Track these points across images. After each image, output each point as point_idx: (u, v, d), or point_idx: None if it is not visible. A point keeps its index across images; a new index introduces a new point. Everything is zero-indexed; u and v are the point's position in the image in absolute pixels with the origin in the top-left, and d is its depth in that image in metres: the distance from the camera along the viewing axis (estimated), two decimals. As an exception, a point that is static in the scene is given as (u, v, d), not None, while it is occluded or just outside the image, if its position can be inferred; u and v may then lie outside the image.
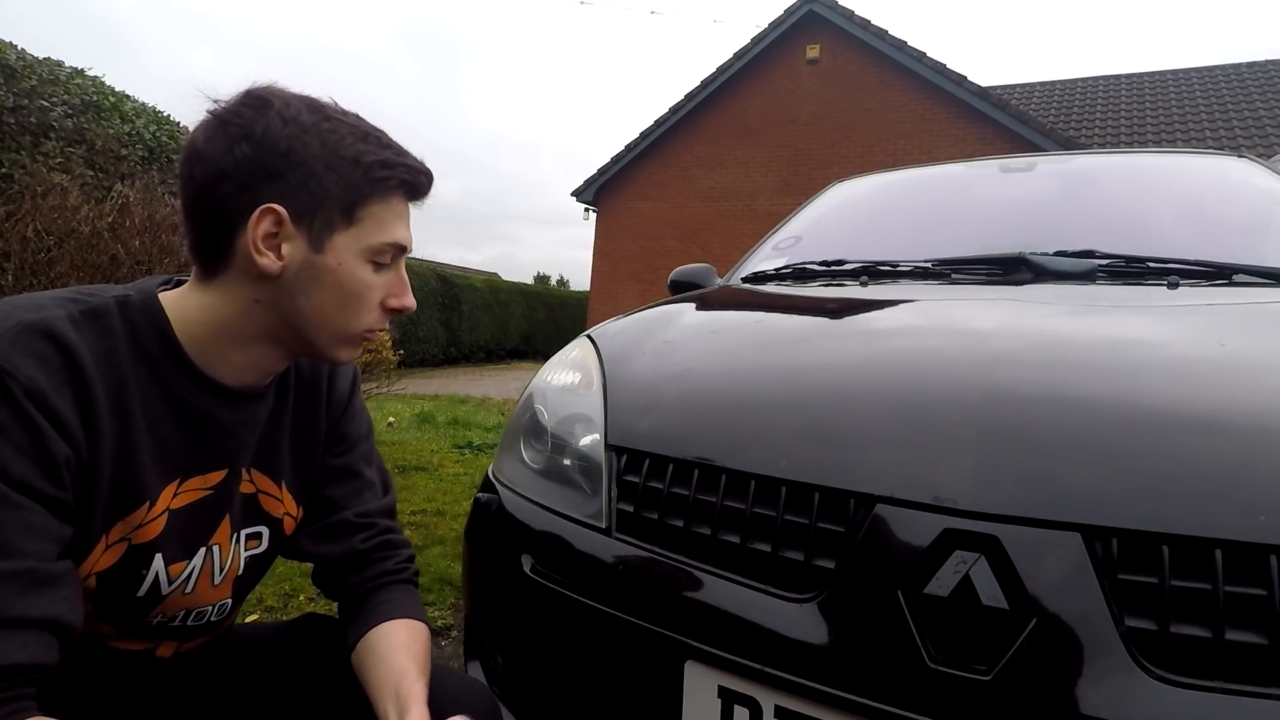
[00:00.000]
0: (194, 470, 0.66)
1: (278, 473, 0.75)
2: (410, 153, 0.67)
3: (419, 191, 0.68)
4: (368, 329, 0.67)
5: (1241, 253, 1.26)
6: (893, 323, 1.11)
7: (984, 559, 0.61)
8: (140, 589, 0.64)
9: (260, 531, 0.74)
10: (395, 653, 0.70)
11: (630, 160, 11.39)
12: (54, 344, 0.55)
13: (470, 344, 13.58)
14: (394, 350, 4.26)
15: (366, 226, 0.64)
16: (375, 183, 0.63)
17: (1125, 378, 0.76)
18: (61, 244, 2.33)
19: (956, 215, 1.79)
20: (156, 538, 0.64)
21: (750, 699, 0.69)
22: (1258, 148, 8.54)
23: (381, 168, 0.63)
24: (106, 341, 0.59)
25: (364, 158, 0.63)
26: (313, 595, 1.98)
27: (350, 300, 0.65)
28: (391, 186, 0.65)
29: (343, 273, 0.63)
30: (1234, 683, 0.54)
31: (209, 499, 0.68)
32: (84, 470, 0.57)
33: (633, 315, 1.34)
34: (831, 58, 9.80)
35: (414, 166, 0.66)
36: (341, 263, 0.63)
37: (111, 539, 0.61)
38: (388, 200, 0.65)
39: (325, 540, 0.78)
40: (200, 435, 0.66)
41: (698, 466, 0.81)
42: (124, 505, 0.61)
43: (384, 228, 0.64)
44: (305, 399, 0.77)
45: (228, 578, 0.72)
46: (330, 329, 0.66)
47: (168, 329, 0.63)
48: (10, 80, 3.30)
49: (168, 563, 0.65)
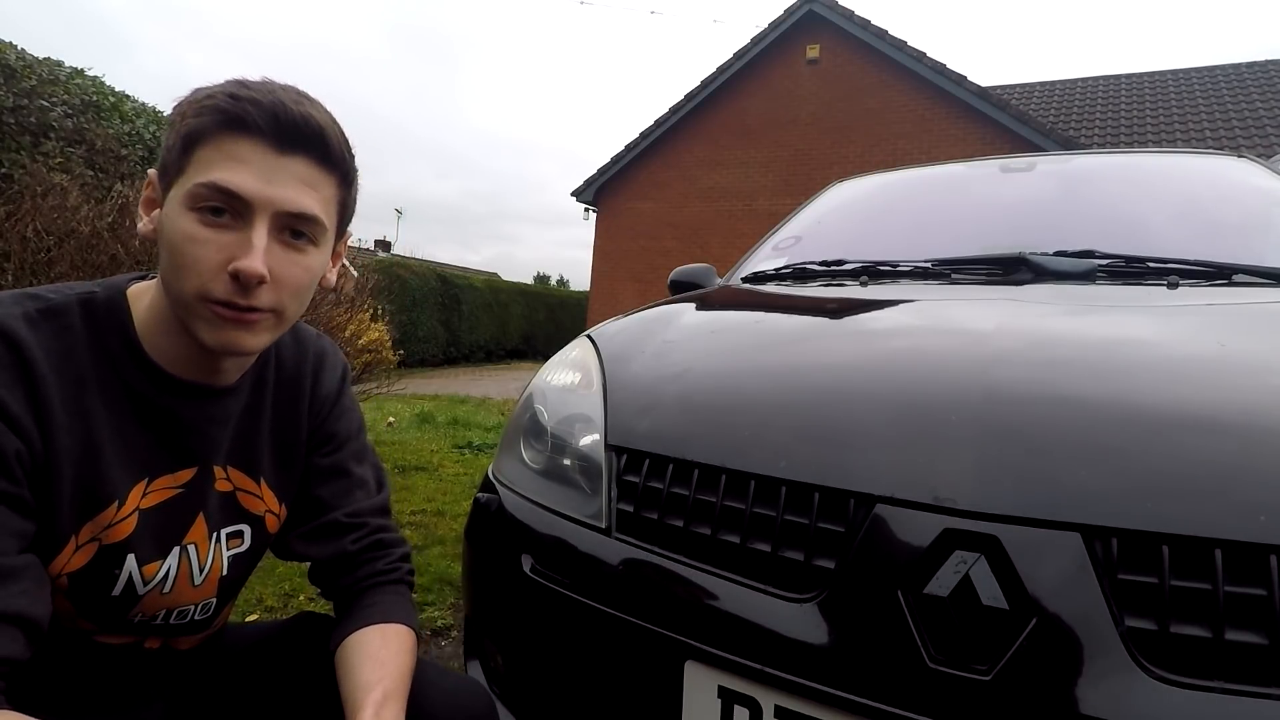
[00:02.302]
0: (162, 469, 0.66)
1: (256, 470, 0.74)
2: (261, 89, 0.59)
3: (242, 123, 0.57)
4: (206, 295, 0.58)
5: (1241, 253, 1.26)
6: (893, 323, 1.11)
7: (984, 559, 0.61)
8: (114, 588, 0.64)
9: (241, 530, 0.74)
10: (364, 665, 0.68)
11: (630, 160, 11.39)
12: (4, 342, 0.55)
13: (470, 344, 13.59)
14: (394, 350, 4.26)
15: (190, 172, 0.57)
16: (195, 119, 0.57)
17: (1125, 378, 0.76)
18: (61, 244, 2.33)
19: (956, 215, 1.79)
20: (128, 537, 0.63)
21: (750, 699, 0.69)
22: (1258, 148, 8.54)
23: (204, 101, 0.57)
24: (63, 340, 0.59)
25: (195, 99, 0.58)
26: (312, 595, 1.98)
27: (176, 258, 0.58)
28: (213, 123, 0.57)
29: (169, 225, 0.58)
30: (1234, 683, 0.53)
31: (180, 498, 0.67)
32: (39, 466, 0.56)
33: (633, 315, 1.34)
34: (831, 58, 9.79)
35: (234, 94, 0.57)
36: (169, 214, 0.58)
37: (82, 539, 0.61)
38: (211, 139, 0.57)
39: (316, 541, 0.78)
40: (166, 434, 0.65)
41: (698, 466, 0.81)
42: (91, 505, 0.61)
43: (205, 168, 0.57)
44: (286, 396, 0.76)
45: (210, 578, 0.71)
46: (173, 296, 0.60)
47: (128, 327, 0.62)
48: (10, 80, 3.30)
49: (141, 563, 0.64)
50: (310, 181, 0.61)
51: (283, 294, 0.61)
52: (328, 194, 0.63)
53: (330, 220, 0.65)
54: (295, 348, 0.79)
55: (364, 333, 4.13)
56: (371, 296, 4.47)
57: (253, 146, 0.57)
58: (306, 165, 0.60)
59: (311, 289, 0.66)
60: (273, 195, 0.58)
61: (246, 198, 0.57)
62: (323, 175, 0.62)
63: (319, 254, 0.64)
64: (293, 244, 0.61)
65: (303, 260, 0.62)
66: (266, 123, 0.57)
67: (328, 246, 0.66)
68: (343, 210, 0.67)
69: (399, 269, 11.90)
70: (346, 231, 0.72)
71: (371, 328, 4.36)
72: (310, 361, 0.79)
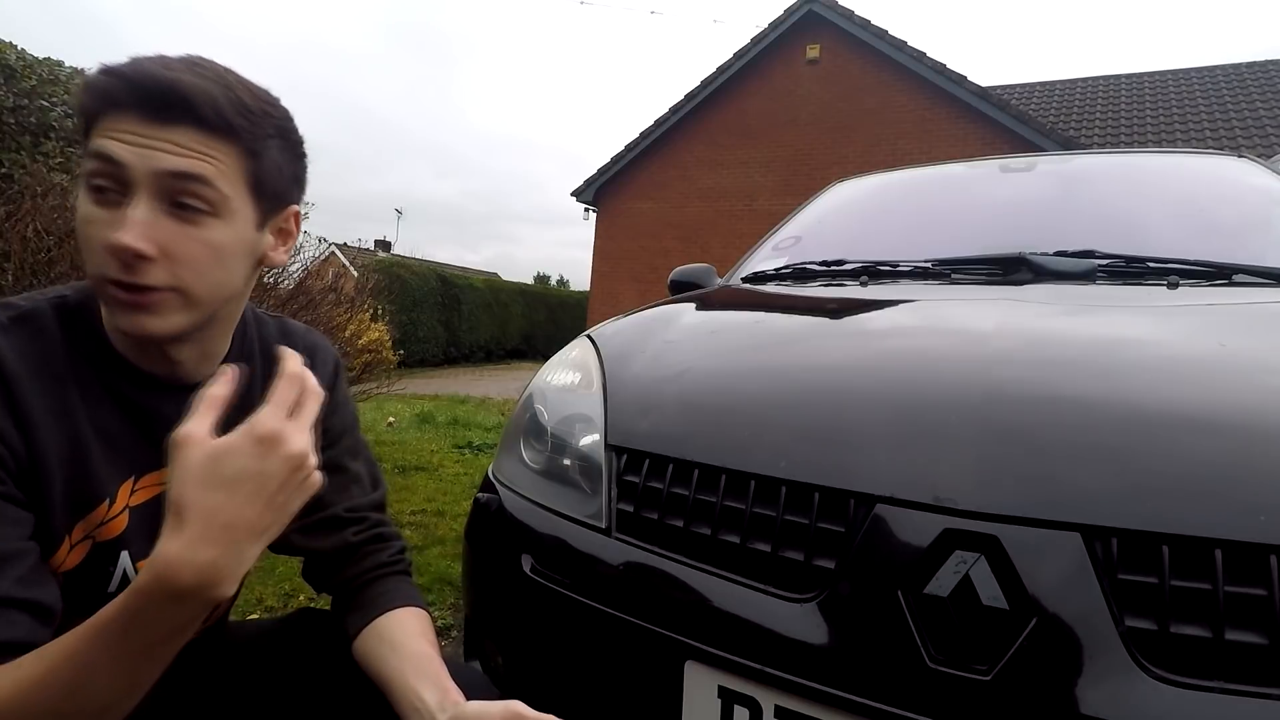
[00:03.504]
0: (148, 467, 0.66)
1: None
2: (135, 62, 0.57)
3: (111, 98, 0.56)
4: (103, 277, 0.57)
5: (1241, 253, 1.26)
6: (893, 323, 1.11)
7: (984, 559, 0.61)
8: (110, 585, 0.64)
9: None
10: (414, 639, 0.70)
11: (630, 160, 11.39)
12: None
13: (470, 344, 13.59)
14: (394, 350, 4.27)
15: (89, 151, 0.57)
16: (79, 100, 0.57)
17: (1125, 378, 0.76)
18: (61, 244, 2.32)
19: (956, 215, 1.79)
20: (121, 534, 0.64)
21: (750, 699, 0.69)
22: (1258, 148, 8.54)
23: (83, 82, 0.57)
24: (38, 343, 0.59)
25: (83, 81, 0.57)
26: (313, 595, 1.98)
27: (81, 240, 0.57)
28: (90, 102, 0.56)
29: (76, 209, 0.58)
30: (1234, 683, 0.54)
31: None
32: (25, 468, 0.57)
33: (633, 315, 1.34)
34: (831, 58, 9.79)
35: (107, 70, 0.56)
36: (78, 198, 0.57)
37: (75, 538, 0.61)
38: (100, 120, 0.56)
39: (317, 535, 0.77)
40: (150, 431, 0.65)
41: (698, 467, 0.81)
42: (83, 504, 0.61)
43: (93, 146, 0.56)
44: None
45: None
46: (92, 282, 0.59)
47: (97, 326, 0.62)
48: (10, 80, 3.30)
49: (134, 559, 0.65)
50: (195, 150, 0.57)
51: (180, 270, 0.58)
52: (225, 163, 0.59)
53: (235, 189, 0.60)
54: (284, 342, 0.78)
55: (364, 333, 4.14)
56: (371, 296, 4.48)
57: (130, 120, 0.56)
58: (188, 133, 0.57)
59: (223, 265, 0.62)
60: (150, 160, 0.55)
61: (122, 161, 0.55)
62: (212, 142, 0.58)
63: (224, 226, 0.60)
64: (184, 215, 0.58)
65: (199, 234, 0.59)
66: (132, 95, 0.55)
67: (241, 219, 0.62)
68: (256, 180, 0.62)
69: (399, 269, 11.91)
70: (290, 207, 0.68)
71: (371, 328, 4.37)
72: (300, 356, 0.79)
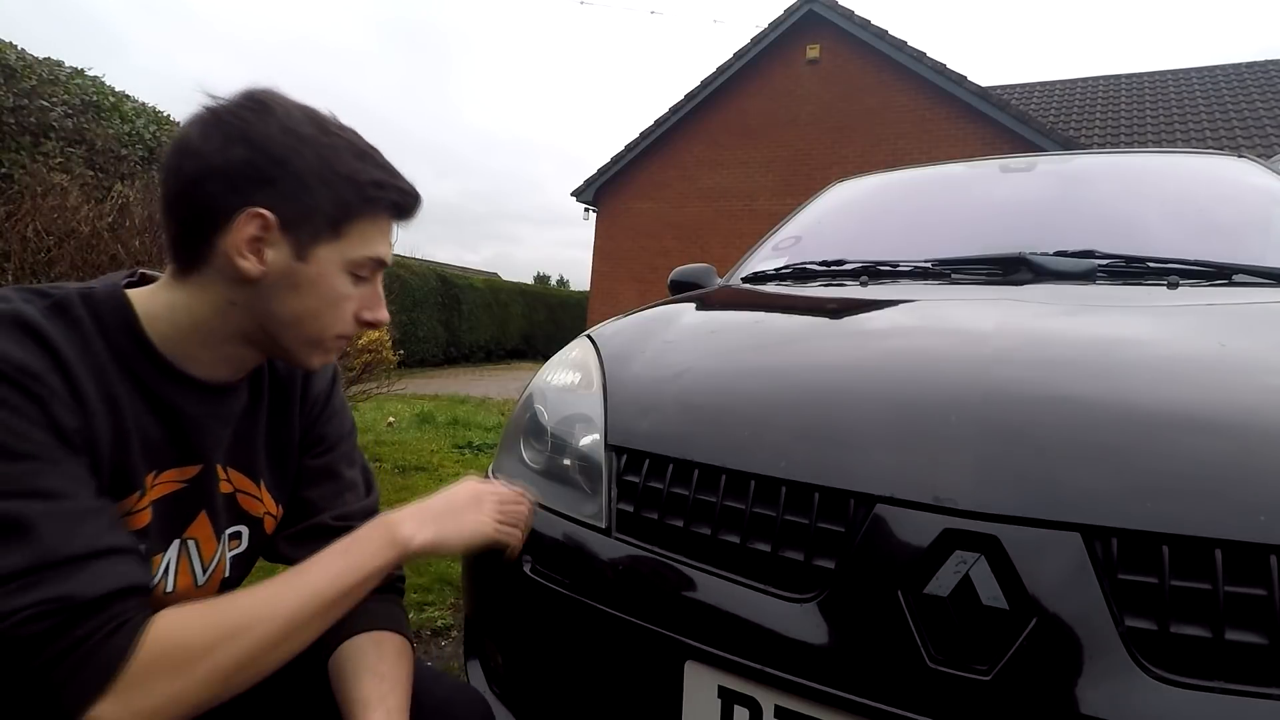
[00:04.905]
0: (169, 463, 0.66)
1: (255, 472, 0.75)
2: (401, 174, 0.69)
3: (406, 213, 0.70)
4: (342, 335, 0.69)
5: (1241, 253, 1.26)
6: (892, 323, 1.11)
7: (984, 559, 0.61)
8: None
9: (240, 531, 0.74)
10: (362, 678, 0.69)
11: (630, 160, 11.39)
12: (30, 333, 0.55)
13: (470, 344, 13.58)
14: (394, 350, 4.27)
15: (351, 241, 0.65)
16: (366, 201, 0.65)
17: (1125, 378, 0.76)
18: (61, 244, 2.33)
19: (956, 215, 1.79)
20: (144, 528, 0.64)
21: (750, 699, 0.69)
22: (1258, 148, 8.54)
23: (374, 188, 0.65)
24: (78, 332, 0.59)
25: (358, 176, 0.64)
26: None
27: (326, 309, 0.66)
28: (382, 206, 0.67)
29: (322, 282, 0.65)
30: (1234, 683, 0.54)
31: (185, 492, 0.68)
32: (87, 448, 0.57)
33: (633, 315, 1.34)
34: (831, 58, 9.80)
35: (405, 189, 0.68)
36: (322, 273, 0.65)
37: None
38: (375, 218, 0.67)
39: (303, 544, 0.77)
40: (174, 427, 0.66)
41: (698, 466, 0.81)
42: (120, 491, 0.61)
43: (368, 243, 0.66)
44: (280, 398, 0.77)
45: (214, 578, 0.71)
46: (304, 335, 0.67)
47: (135, 323, 0.63)
48: (10, 80, 3.30)
49: (148, 554, 0.65)
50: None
51: None
52: None
53: None
54: None
55: (364, 333, 4.13)
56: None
57: (391, 223, 0.70)
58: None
59: None
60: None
61: (390, 263, 0.70)
62: None
63: None
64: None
65: None
66: (412, 211, 0.71)
67: None
68: None
69: (399, 269, 11.87)
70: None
71: (371, 328, 4.35)
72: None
